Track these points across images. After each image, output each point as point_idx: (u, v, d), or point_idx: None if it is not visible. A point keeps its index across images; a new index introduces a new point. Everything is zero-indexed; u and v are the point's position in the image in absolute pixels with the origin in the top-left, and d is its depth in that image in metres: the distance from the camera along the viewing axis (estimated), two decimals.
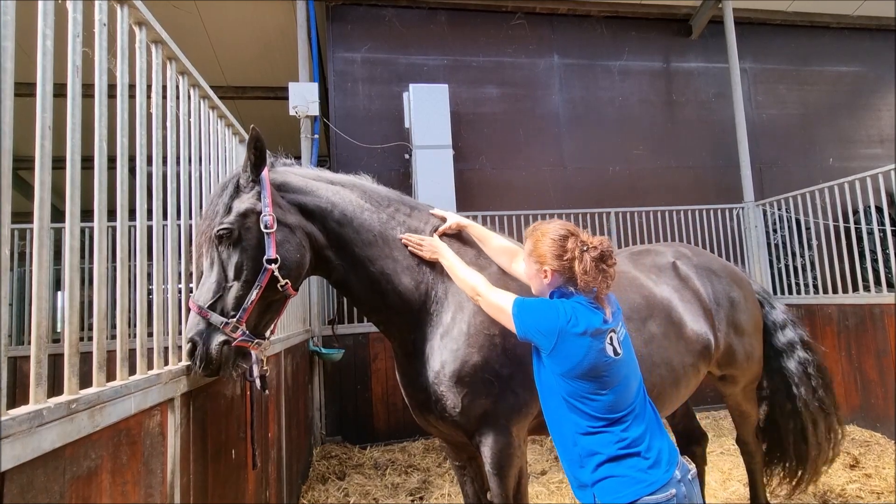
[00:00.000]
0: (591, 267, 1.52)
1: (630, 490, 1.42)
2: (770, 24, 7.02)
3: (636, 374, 1.59)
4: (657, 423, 1.56)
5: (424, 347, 1.94)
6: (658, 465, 1.45)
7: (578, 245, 1.55)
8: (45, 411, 0.91)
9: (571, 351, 1.47)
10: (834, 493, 3.27)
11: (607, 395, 1.48)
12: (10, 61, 0.90)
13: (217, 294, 1.61)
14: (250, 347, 1.61)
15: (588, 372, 1.47)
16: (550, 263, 1.57)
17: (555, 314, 1.50)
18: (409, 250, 1.94)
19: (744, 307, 2.52)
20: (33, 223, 0.99)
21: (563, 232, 1.59)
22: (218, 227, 1.65)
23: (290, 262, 1.71)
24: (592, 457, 1.48)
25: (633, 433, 1.47)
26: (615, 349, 1.52)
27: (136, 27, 1.47)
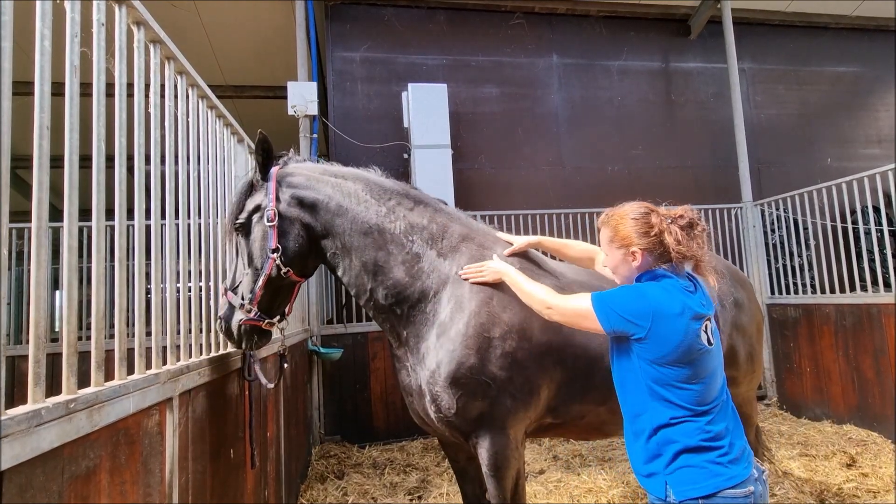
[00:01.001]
0: (682, 236, 1.45)
1: (710, 482, 1.37)
2: (769, 24, 7.03)
3: (722, 368, 1.53)
4: (737, 421, 1.51)
5: (420, 346, 1.93)
6: (739, 461, 1.41)
7: (663, 218, 1.50)
8: (43, 411, 0.91)
9: (668, 333, 1.40)
10: (831, 493, 3.28)
11: (696, 385, 1.42)
12: (8, 61, 0.90)
13: (238, 280, 1.89)
14: (262, 325, 1.86)
15: (682, 357, 1.40)
16: (638, 243, 1.50)
17: (644, 296, 1.43)
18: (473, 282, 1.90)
19: (747, 308, 2.52)
20: (31, 222, 0.99)
21: (643, 210, 1.54)
22: (234, 222, 1.93)
23: (290, 252, 1.88)
24: (670, 445, 1.42)
25: (717, 427, 1.42)
26: (709, 338, 1.45)
27: (134, 27, 1.47)
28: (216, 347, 2.04)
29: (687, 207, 1.53)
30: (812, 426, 4.71)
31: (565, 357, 1.95)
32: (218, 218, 2.17)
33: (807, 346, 5.05)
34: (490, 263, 1.90)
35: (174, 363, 1.56)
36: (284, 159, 2.05)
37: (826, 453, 3.96)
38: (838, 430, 4.50)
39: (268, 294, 1.87)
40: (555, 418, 2.01)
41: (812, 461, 3.84)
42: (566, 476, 3.77)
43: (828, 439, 4.30)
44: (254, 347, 1.91)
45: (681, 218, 1.49)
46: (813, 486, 3.38)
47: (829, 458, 3.86)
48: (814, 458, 3.91)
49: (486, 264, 1.91)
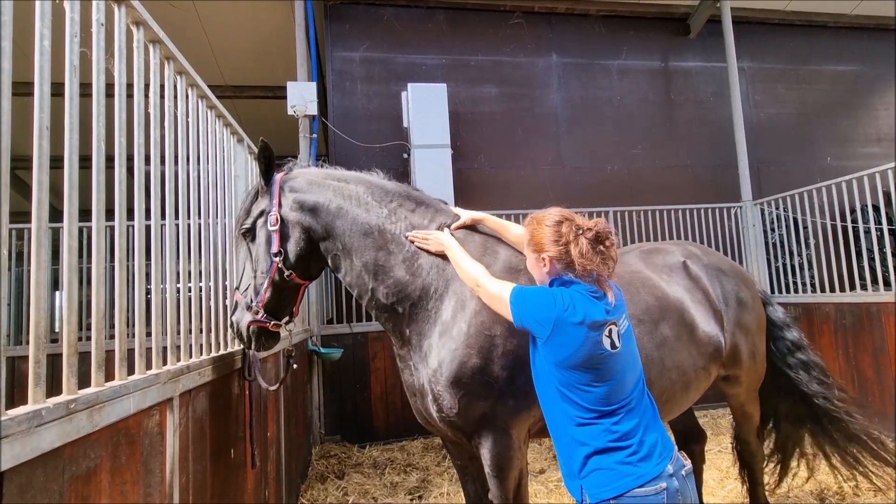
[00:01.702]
0: (587, 249, 1.49)
1: (618, 483, 1.40)
2: (768, 23, 7.03)
3: (635, 367, 1.56)
4: (653, 416, 1.54)
5: (422, 344, 1.93)
6: (649, 458, 1.43)
7: (573, 229, 1.53)
8: (43, 411, 0.91)
9: (567, 340, 1.45)
10: (831, 491, 3.29)
11: (600, 387, 1.46)
12: (7, 61, 0.90)
13: (248, 282, 1.95)
14: (269, 327, 1.91)
15: (582, 363, 1.45)
16: (548, 250, 1.56)
17: (552, 302, 1.48)
18: (417, 246, 1.96)
19: (751, 307, 2.51)
20: (31, 223, 0.99)
21: (557, 217, 1.58)
22: (241, 228, 1.99)
23: (292, 255, 1.94)
24: (582, 447, 1.47)
25: (624, 426, 1.45)
26: (613, 342, 1.49)
27: (133, 27, 1.47)
28: (216, 347, 2.04)
29: (600, 220, 1.57)
30: None
31: None
32: (218, 218, 2.18)
33: None
34: (436, 234, 1.94)
35: (174, 363, 1.56)
36: (289, 165, 2.10)
37: None
38: None
39: (273, 296, 1.92)
40: None
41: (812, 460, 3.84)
42: None
43: None
44: (263, 348, 1.96)
45: (589, 231, 1.52)
46: (813, 485, 3.38)
47: None
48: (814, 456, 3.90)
49: (432, 233, 1.94)
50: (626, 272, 2.29)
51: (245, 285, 1.96)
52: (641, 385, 1.57)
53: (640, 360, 1.62)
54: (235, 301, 1.97)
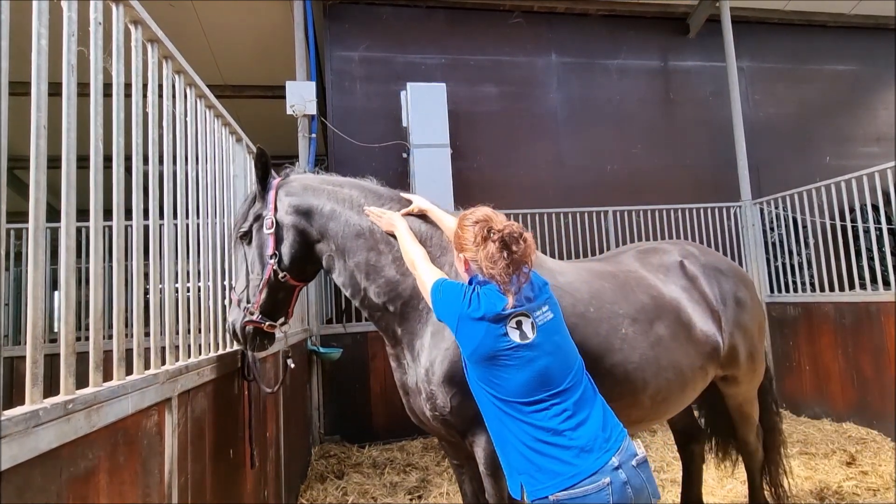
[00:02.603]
0: (493, 252, 1.47)
1: (553, 481, 1.36)
2: (767, 22, 7.03)
3: (564, 357, 1.51)
4: (593, 405, 1.49)
5: (414, 343, 1.96)
6: (588, 452, 1.38)
7: (484, 231, 1.52)
8: (41, 412, 0.90)
9: (469, 335, 1.48)
10: (831, 491, 3.29)
11: (515, 378, 1.44)
12: (5, 60, 0.89)
13: (244, 284, 2.00)
14: (264, 327, 1.95)
15: (488, 356, 1.46)
16: (464, 250, 1.57)
17: (457, 297, 1.51)
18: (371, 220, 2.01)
19: (749, 307, 2.50)
20: (29, 223, 0.99)
21: (474, 218, 1.58)
22: (238, 231, 2.05)
23: (286, 258, 1.98)
24: (515, 442, 1.45)
25: (554, 421, 1.41)
26: (523, 333, 1.46)
27: (131, 26, 1.47)
28: (215, 347, 2.04)
29: (512, 223, 1.54)
30: (811, 424, 4.72)
31: None
32: (216, 218, 2.18)
33: (806, 345, 5.05)
34: (390, 214, 1.98)
35: (173, 363, 1.56)
36: (286, 171, 2.16)
37: (826, 451, 3.97)
38: (838, 429, 4.50)
39: (269, 298, 1.97)
40: None
41: (812, 459, 3.85)
42: None
43: (827, 437, 4.30)
44: (259, 348, 2.01)
45: (496, 233, 1.50)
46: (813, 485, 3.38)
47: (829, 457, 3.87)
48: (813, 456, 3.91)
49: (386, 213, 1.99)
50: (621, 272, 2.30)
51: (242, 287, 2.00)
52: (576, 375, 1.52)
53: (574, 350, 1.58)
54: (232, 301, 2.03)
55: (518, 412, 1.45)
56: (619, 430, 1.48)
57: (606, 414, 1.51)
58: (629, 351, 2.03)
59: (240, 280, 2.03)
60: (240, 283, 2.02)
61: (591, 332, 1.98)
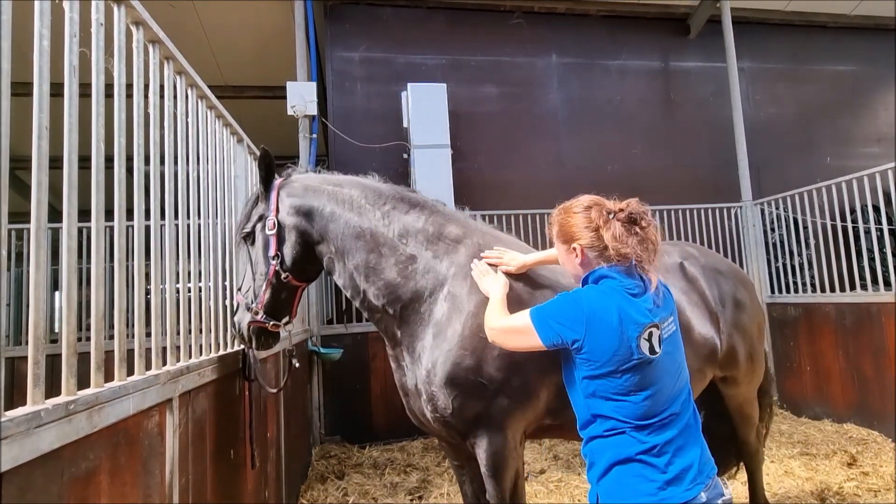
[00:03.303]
0: (620, 232, 1.36)
1: (638, 499, 1.30)
2: (768, 23, 7.03)
3: (677, 377, 1.41)
4: (694, 435, 1.39)
5: (415, 345, 1.94)
6: (678, 482, 1.29)
7: (603, 212, 1.41)
8: (43, 412, 0.90)
9: (602, 340, 1.32)
10: (831, 492, 3.28)
11: (637, 396, 1.32)
12: (6, 61, 0.89)
13: (248, 284, 2.01)
14: (268, 327, 1.97)
15: (618, 367, 1.32)
16: (578, 238, 1.43)
17: (579, 302, 1.36)
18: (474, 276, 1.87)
19: (748, 308, 2.50)
20: (31, 223, 0.99)
21: (586, 203, 1.46)
22: (241, 232, 2.06)
23: (288, 258, 1.99)
24: (602, 455, 1.36)
25: (656, 440, 1.32)
26: (652, 347, 1.34)
27: (133, 27, 1.47)
28: (216, 348, 2.04)
29: (632, 201, 1.42)
30: (812, 425, 4.71)
31: None
32: (217, 218, 2.18)
33: (807, 345, 5.05)
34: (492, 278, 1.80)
35: (174, 364, 1.56)
36: (287, 171, 2.15)
37: (826, 452, 3.97)
38: (838, 429, 4.50)
39: (272, 298, 1.98)
40: (554, 420, 2.00)
41: (812, 460, 3.84)
42: (567, 476, 3.76)
43: (828, 438, 4.30)
44: (263, 347, 2.03)
45: (621, 212, 1.40)
46: (814, 485, 3.38)
47: (830, 457, 3.86)
48: (814, 457, 3.91)
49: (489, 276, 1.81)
50: None
51: (246, 287, 2.02)
52: (685, 398, 1.41)
53: (685, 370, 1.46)
54: (237, 302, 2.03)
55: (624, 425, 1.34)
56: (711, 466, 1.40)
57: (703, 447, 1.41)
58: None
59: (244, 281, 2.04)
60: (244, 283, 2.03)
61: None
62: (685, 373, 1.45)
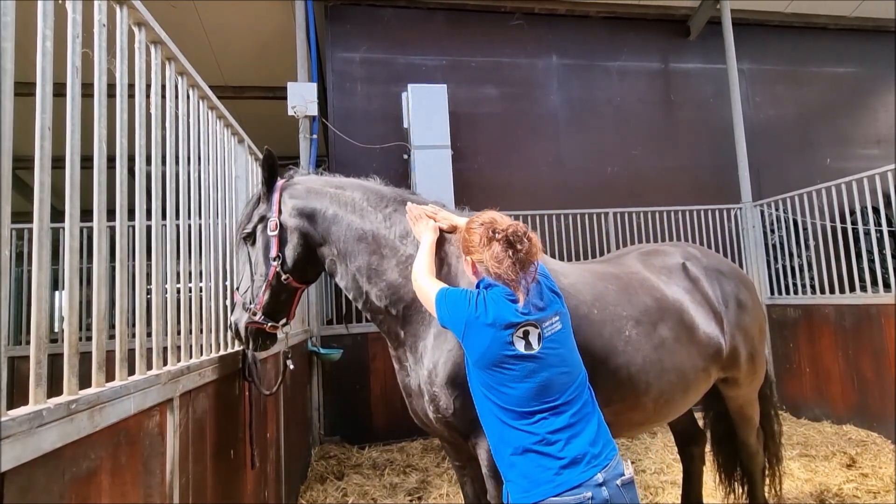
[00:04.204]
0: (498, 251, 1.48)
1: (536, 490, 1.38)
2: (768, 25, 7.04)
3: (568, 370, 1.52)
4: (589, 421, 1.49)
5: (417, 345, 1.95)
6: (574, 465, 1.39)
7: (489, 232, 1.53)
8: (44, 412, 0.91)
9: (476, 341, 1.48)
10: (831, 493, 3.29)
11: (516, 388, 1.45)
12: (9, 62, 0.90)
13: (247, 285, 2.01)
14: (266, 328, 1.98)
15: (493, 363, 1.47)
16: (472, 254, 1.58)
17: (465, 303, 1.51)
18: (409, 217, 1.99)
19: (750, 309, 2.50)
20: (33, 223, 0.99)
21: (480, 220, 1.59)
22: (242, 232, 2.07)
23: (289, 260, 1.99)
24: (505, 448, 1.47)
25: (545, 429, 1.43)
26: (529, 343, 1.47)
27: (135, 28, 1.47)
28: (216, 348, 2.05)
29: (516, 223, 1.55)
30: (812, 426, 4.71)
31: None
32: (218, 218, 2.18)
33: (806, 347, 5.05)
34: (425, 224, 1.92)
35: (175, 364, 1.56)
36: (290, 173, 2.17)
37: (826, 454, 3.97)
38: (838, 431, 4.50)
39: (271, 299, 1.98)
40: None
41: (812, 461, 3.84)
42: None
43: (827, 440, 4.30)
44: (261, 348, 2.04)
45: (500, 233, 1.51)
46: (813, 487, 3.38)
47: (829, 459, 3.86)
48: (814, 458, 3.91)
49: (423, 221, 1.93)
50: (623, 273, 2.29)
51: (245, 287, 2.02)
52: (577, 388, 1.52)
53: (578, 362, 1.58)
54: (235, 302, 2.04)
55: (513, 419, 1.46)
56: (611, 448, 1.49)
57: (601, 430, 1.51)
58: (633, 353, 2.03)
59: (243, 281, 2.04)
60: (243, 283, 2.04)
61: (595, 335, 1.97)
62: (576, 365, 1.57)
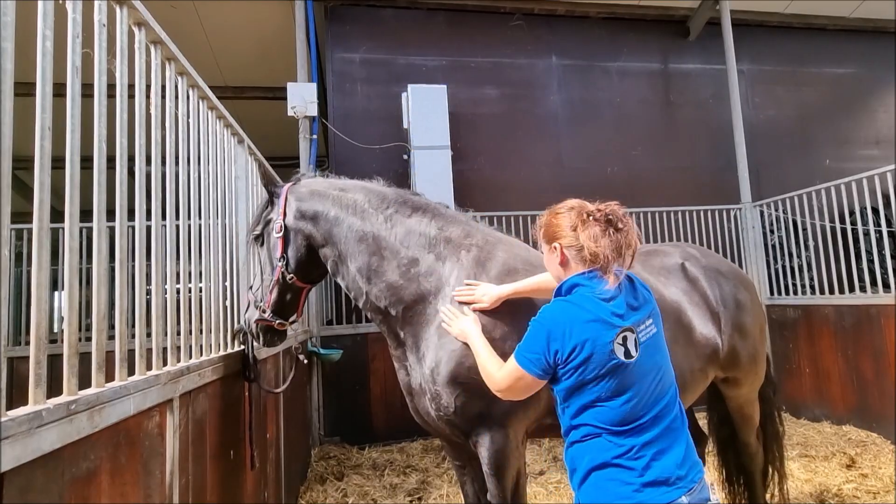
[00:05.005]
0: (596, 233, 1.38)
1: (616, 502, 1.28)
2: (767, 25, 7.04)
3: (659, 378, 1.40)
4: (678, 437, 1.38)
5: (419, 345, 1.96)
6: (656, 486, 1.28)
7: (582, 213, 1.43)
8: (44, 412, 0.91)
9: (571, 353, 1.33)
10: (830, 493, 3.29)
11: (615, 401, 1.32)
12: (9, 62, 0.90)
13: (258, 284, 2.12)
14: (275, 325, 2.06)
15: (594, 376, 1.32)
16: (560, 238, 1.46)
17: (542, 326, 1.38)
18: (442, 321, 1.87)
19: (749, 309, 2.50)
20: (33, 223, 0.99)
21: (569, 204, 1.49)
22: (252, 233, 2.18)
23: (292, 261, 2.07)
24: (581, 460, 1.36)
25: (631, 442, 1.32)
26: (627, 350, 1.34)
27: (135, 28, 1.47)
28: (216, 348, 2.04)
29: (612, 204, 1.44)
30: (811, 427, 4.72)
31: None
32: (218, 219, 2.18)
33: (806, 347, 5.05)
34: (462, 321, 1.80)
35: (174, 364, 1.56)
36: (298, 175, 2.23)
37: (826, 454, 3.97)
38: (838, 431, 4.50)
39: (278, 298, 2.06)
40: (555, 419, 2.01)
41: (812, 462, 3.84)
42: (566, 477, 3.76)
43: (827, 440, 4.30)
44: (270, 344, 2.12)
45: (598, 212, 1.42)
46: (813, 487, 3.38)
47: (829, 459, 3.87)
48: (813, 458, 3.91)
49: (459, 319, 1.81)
50: None
51: (256, 286, 2.13)
52: (668, 400, 1.40)
53: (669, 371, 1.45)
54: (247, 300, 2.16)
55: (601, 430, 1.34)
56: (697, 470, 1.37)
57: (689, 449, 1.39)
58: None
59: (255, 280, 2.15)
60: (255, 283, 2.14)
61: None
62: (669, 374, 1.45)
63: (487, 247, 2.04)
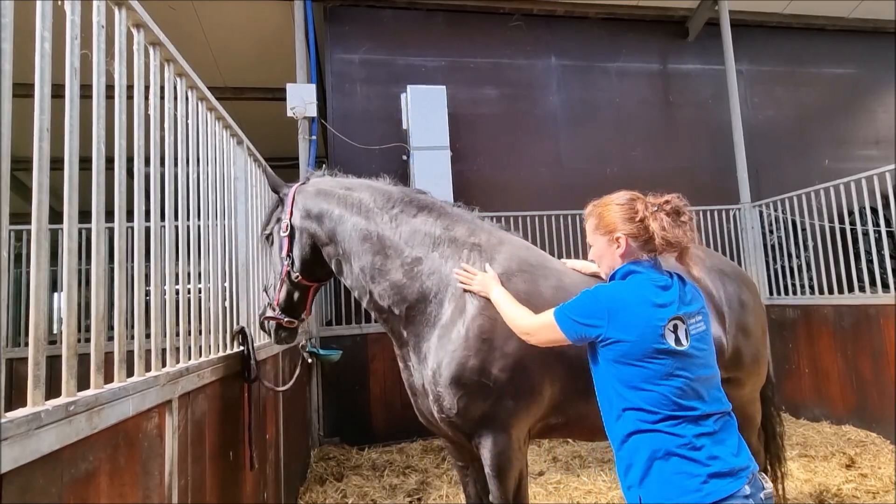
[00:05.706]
0: (668, 223, 1.43)
1: (684, 498, 1.27)
2: (766, 26, 7.05)
3: (710, 374, 1.42)
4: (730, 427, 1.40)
5: (421, 345, 1.96)
6: (721, 475, 1.29)
7: (648, 205, 1.49)
8: (43, 413, 0.91)
9: (624, 330, 1.35)
10: (830, 493, 3.29)
11: (665, 385, 1.33)
12: (8, 63, 0.90)
13: (270, 282, 2.21)
14: (283, 323, 2.14)
15: (642, 355, 1.34)
16: (622, 229, 1.48)
17: (597, 296, 1.42)
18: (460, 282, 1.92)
19: (752, 309, 2.51)
20: (31, 224, 0.99)
21: (629, 196, 1.55)
22: (263, 233, 2.27)
23: (297, 259, 2.12)
24: (640, 453, 1.34)
25: (690, 432, 1.31)
26: (678, 338, 1.36)
27: (134, 29, 1.47)
28: (215, 349, 2.04)
29: (674, 195, 1.50)
30: (811, 427, 4.72)
31: (569, 356, 1.94)
32: (217, 220, 2.18)
33: (805, 347, 5.06)
34: (482, 276, 1.87)
35: (173, 365, 1.56)
36: (307, 175, 2.28)
37: (825, 454, 3.97)
38: (837, 431, 4.50)
39: (286, 296, 2.14)
40: (558, 418, 2.01)
41: (811, 462, 3.85)
42: (566, 478, 3.76)
43: (827, 440, 4.30)
44: (282, 341, 2.19)
45: (667, 204, 1.48)
46: (812, 487, 3.38)
47: (829, 459, 3.87)
48: (813, 458, 3.91)
49: (478, 274, 1.88)
50: None
51: (269, 285, 2.22)
52: (718, 396, 1.43)
53: (717, 370, 1.47)
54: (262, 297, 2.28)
55: (654, 422, 1.34)
56: (750, 459, 1.40)
57: (741, 441, 1.42)
58: None
59: (270, 279, 2.23)
60: (269, 281, 2.23)
61: None
62: (717, 373, 1.47)
63: (489, 247, 2.05)
